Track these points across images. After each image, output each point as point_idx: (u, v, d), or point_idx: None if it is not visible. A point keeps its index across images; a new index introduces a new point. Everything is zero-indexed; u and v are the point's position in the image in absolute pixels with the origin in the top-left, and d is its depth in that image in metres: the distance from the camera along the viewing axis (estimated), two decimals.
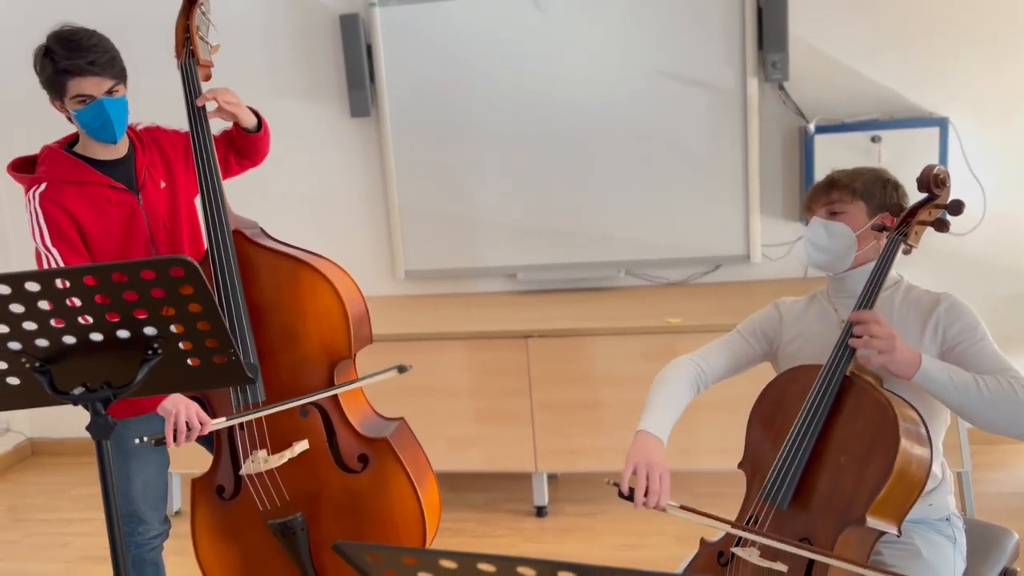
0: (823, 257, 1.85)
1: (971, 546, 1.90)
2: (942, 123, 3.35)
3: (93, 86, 2.11)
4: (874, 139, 3.36)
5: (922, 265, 3.40)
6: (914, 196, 1.83)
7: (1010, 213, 3.45)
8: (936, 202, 1.78)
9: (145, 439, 2.09)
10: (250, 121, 2.35)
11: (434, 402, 3.33)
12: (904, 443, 1.60)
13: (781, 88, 3.51)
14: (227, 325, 1.51)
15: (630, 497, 1.70)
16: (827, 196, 1.86)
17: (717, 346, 1.97)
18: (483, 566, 0.89)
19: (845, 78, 3.47)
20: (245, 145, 2.41)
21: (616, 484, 1.71)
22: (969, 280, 3.42)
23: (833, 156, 3.34)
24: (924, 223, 1.78)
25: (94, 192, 2.21)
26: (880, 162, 3.34)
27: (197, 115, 2.27)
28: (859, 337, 1.69)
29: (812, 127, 3.42)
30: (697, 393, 1.94)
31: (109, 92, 2.13)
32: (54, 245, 2.14)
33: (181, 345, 1.45)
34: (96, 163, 2.23)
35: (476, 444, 3.35)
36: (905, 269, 1.93)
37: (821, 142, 3.40)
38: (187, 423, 2.11)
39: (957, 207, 1.75)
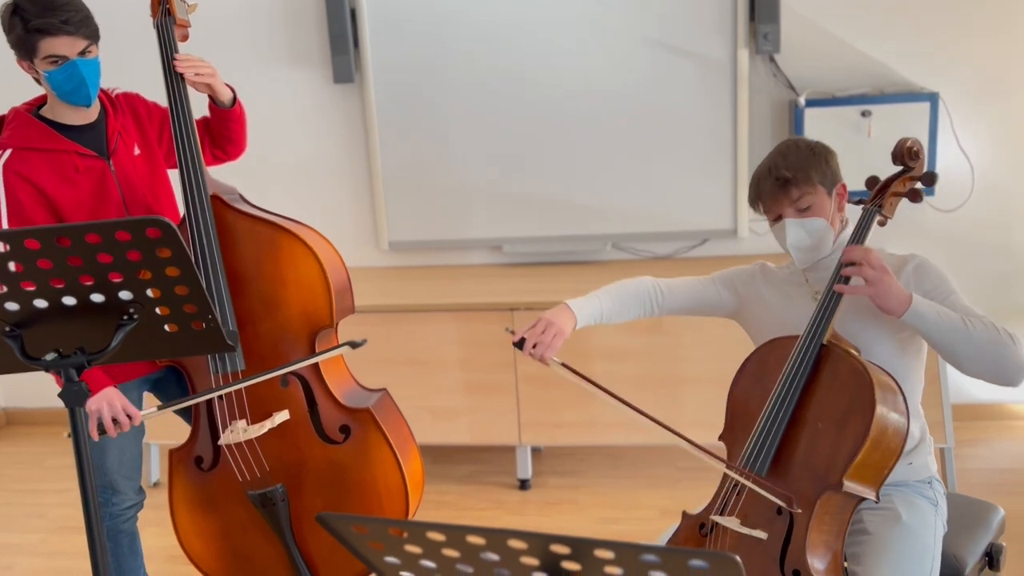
0: (811, 255, 1.86)
1: (957, 521, 1.90)
2: (933, 98, 3.32)
3: (66, 46, 2.02)
4: (864, 113, 3.33)
5: (909, 241, 3.40)
6: (890, 169, 1.84)
7: (999, 190, 3.44)
8: (911, 174, 1.81)
9: (67, 436, 2.12)
10: (225, 95, 2.27)
11: (418, 374, 3.29)
12: (880, 409, 1.63)
13: (772, 60, 3.46)
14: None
15: (521, 346, 1.82)
16: (788, 196, 1.82)
17: (686, 281, 2.02)
18: (472, 539, 0.85)
19: (837, 51, 3.42)
20: (218, 126, 2.32)
21: (513, 331, 1.85)
22: (957, 257, 3.41)
23: (823, 130, 3.30)
24: (899, 194, 1.82)
25: (61, 160, 2.13)
26: (870, 137, 3.32)
27: (173, 76, 2.20)
28: (853, 265, 1.71)
29: (802, 100, 3.38)
30: (646, 314, 1.99)
31: (82, 53, 2.05)
32: (11, 226, 2.06)
33: (158, 310, 1.40)
34: (64, 128, 2.15)
35: (460, 416, 3.32)
36: (892, 245, 1.92)
37: (811, 116, 3.36)
38: (114, 419, 2.09)
39: (931, 178, 1.80)
